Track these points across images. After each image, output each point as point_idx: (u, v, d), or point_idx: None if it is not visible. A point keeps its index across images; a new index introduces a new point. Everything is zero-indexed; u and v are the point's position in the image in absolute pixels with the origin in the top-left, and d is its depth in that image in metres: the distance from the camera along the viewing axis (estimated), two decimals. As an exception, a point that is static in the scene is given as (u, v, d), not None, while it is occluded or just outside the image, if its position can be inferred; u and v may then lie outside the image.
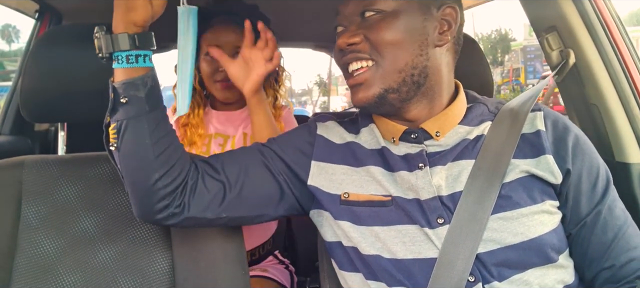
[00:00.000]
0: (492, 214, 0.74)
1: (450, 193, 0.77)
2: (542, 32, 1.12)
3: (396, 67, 0.78)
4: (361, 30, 0.79)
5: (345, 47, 0.80)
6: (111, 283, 0.88)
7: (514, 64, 27.39)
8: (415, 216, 0.76)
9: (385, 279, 0.77)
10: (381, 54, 0.78)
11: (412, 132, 0.82)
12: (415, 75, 0.78)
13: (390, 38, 0.77)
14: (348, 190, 0.82)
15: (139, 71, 0.76)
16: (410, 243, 0.76)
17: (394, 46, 0.77)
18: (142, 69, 0.76)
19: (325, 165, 0.86)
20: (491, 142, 0.79)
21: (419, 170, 0.79)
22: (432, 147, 0.81)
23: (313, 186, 0.85)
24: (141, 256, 0.90)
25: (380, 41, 0.78)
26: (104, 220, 0.92)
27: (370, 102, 0.79)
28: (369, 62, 0.79)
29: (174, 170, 0.79)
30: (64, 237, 0.90)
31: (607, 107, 1.05)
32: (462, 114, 0.83)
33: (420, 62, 0.78)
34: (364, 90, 0.79)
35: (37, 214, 0.90)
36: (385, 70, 0.78)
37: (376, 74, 0.78)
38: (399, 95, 0.79)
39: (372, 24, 0.79)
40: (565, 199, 0.79)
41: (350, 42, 0.79)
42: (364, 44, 0.79)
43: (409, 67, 0.78)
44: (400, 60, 0.78)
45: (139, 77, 0.76)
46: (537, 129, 0.80)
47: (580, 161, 0.79)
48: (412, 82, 0.79)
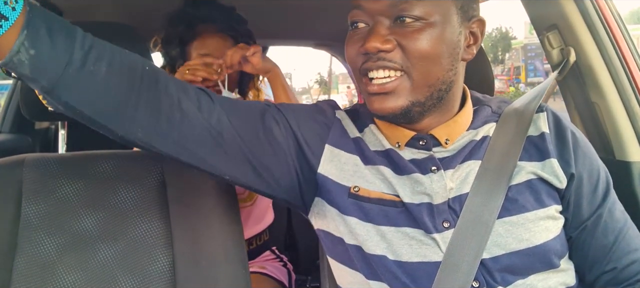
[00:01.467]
0: (498, 218, 0.73)
1: (457, 195, 0.75)
2: (543, 30, 1.12)
3: (427, 82, 0.73)
4: (394, 36, 0.71)
5: (374, 52, 0.71)
6: (111, 282, 0.88)
7: (514, 62, 27.40)
8: (422, 220, 0.75)
9: (388, 280, 0.76)
10: (414, 66, 0.71)
11: (421, 138, 0.79)
12: (442, 91, 0.74)
13: (428, 50, 0.71)
14: (358, 184, 0.79)
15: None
16: (416, 246, 0.75)
17: (430, 60, 0.71)
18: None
19: (339, 151, 0.81)
20: (497, 142, 0.78)
21: (433, 174, 0.76)
22: (439, 153, 0.79)
23: (322, 175, 0.80)
24: (141, 255, 0.90)
25: (417, 53, 0.71)
26: (105, 218, 0.92)
27: (395, 113, 0.74)
28: (397, 72, 0.72)
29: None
30: (64, 235, 0.90)
31: (607, 105, 1.05)
32: (470, 120, 0.81)
33: (449, 77, 0.74)
34: (390, 100, 0.73)
35: (37, 213, 0.90)
36: (416, 84, 0.72)
37: (405, 85, 0.72)
38: (422, 108, 0.75)
39: (409, 31, 0.71)
40: (568, 203, 0.78)
41: (382, 49, 0.71)
42: (396, 52, 0.71)
43: (439, 82, 0.73)
44: (433, 74, 0.72)
45: (9, 53, 0.59)
46: (541, 131, 0.79)
47: (582, 164, 0.78)
48: (437, 96, 0.74)
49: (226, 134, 0.74)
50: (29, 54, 0.59)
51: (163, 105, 0.69)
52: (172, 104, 0.70)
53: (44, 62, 0.60)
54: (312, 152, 0.81)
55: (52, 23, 0.61)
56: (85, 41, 0.63)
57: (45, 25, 0.60)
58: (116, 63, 0.65)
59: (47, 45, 0.59)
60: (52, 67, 0.60)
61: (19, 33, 0.58)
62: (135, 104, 0.66)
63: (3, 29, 0.57)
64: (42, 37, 0.59)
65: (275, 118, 0.80)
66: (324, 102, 0.89)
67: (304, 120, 0.82)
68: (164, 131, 0.69)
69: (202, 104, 0.73)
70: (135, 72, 0.67)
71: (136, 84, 0.66)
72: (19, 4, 0.58)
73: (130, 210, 0.93)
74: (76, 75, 0.62)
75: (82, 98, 0.64)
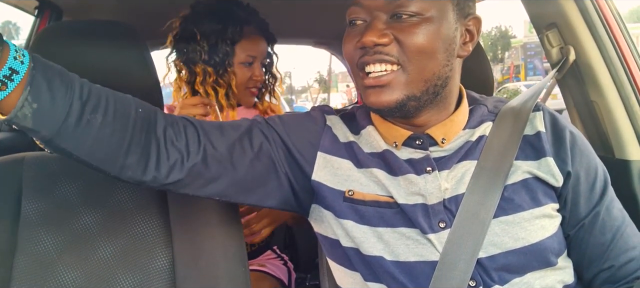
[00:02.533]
0: (494, 218, 0.74)
1: (453, 195, 0.76)
2: (543, 29, 1.12)
3: (423, 76, 0.74)
4: (390, 31, 0.72)
5: (371, 45, 0.73)
6: (111, 280, 0.88)
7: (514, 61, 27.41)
8: (417, 220, 0.75)
9: (386, 281, 0.76)
10: (410, 59, 0.72)
11: (417, 138, 0.80)
12: (437, 86, 0.75)
13: (424, 44, 0.72)
14: (353, 188, 0.80)
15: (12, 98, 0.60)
16: (413, 246, 0.75)
17: (426, 54, 0.72)
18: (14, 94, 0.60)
19: (331, 157, 0.82)
20: (493, 141, 0.78)
21: (428, 174, 0.77)
22: (435, 152, 0.79)
23: (317, 182, 0.82)
24: (141, 253, 0.90)
25: (413, 47, 0.72)
26: (104, 217, 0.92)
27: (391, 106, 0.74)
28: (393, 66, 0.73)
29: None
30: (64, 233, 0.90)
31: (607, 104, 1.05)
32: (466, 119, 0.82)
33: (444, 72, 0.75)
34: (386, 93, 0.74)
35: (37, 211, 0.90)
36: (411, 78, 0.73)
37: (400, 79, 0.73)
38: (418, 103, 0.75)
39: (406, 26, 0.72)
40: (565, 201, 0.78)
41: (379, 43, 0.72)
42: (393, 46, 0.72)
43: (435, 77, 0.74)
44: (428, 69, 0.73)
45: (14, 109, 0.60)
46: (537, 130, 0.80)
47: (579, 162, 0.78)
48: (433, 91, 0.75)
49: (213, 164, 0.77)
50: (32, 108, 0.61)
51: (152, 149, 0.72)
52: (160, 146, 0.72)
53: (45, 115, 0.62)
54: (305, 160, 0.83)
55: (52, 75, 0.63)
56: (82, 91, 0.66)
57: (46, 79, 0.62)
58: (111, 111, 0.68)
59: (47, 98, 0.62)
60: (52, 119, 0.63)
61: (23, 89, 0.60)
62: (126, 150, 0.69)
63: (14, 83, 0.60)
64: (44, 92, 0.62)
65: (264, 132, 0.82)
66: (316, 109, 0.90)
67: (294, 130, 0.84)
68: (153, 173, 0.72)
69: (189, 138, 0.76)
70: (128, 119, 0.70)
71: (128, 131, 0.69)
72: (26, 57, 0.61)
73: (129, 209, 0.93)
74: (74, 126, 0.64)
75: (79, 146, 0.67)
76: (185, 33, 1.32)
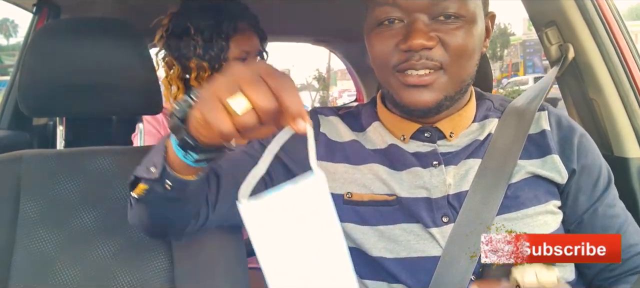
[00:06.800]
0: (497, 215, 0.74)
1: (456, 192, 0.76)
2: (542, 27, 1.12)
3: (460, 77, 0.74)
4: (435, 33, 0.71)
5: (419, 48, 0.70)
6: (110, 278, 0.88)
7: (513, 59, 27.41)
8: (420, 215, 0.75)
9: (386, 279, 0.76)
10: (453, 62, 0.72)
11: (425, 131, 0.80)
12: (468, 85, 0.77)
13: (466, 46, 0.71)
14: (351, 190, 0.80)
15: (193, 171, 0.63)
16: (414, 242, 0.75)
17: (467, 55, 0.72)
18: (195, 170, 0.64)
19: (327, 164, 0.83)
20: (498, 141, 0.79)
21: (433, 168, 0.77)
22: (443, 147, 0.80)
23: None
24: (140, 251, 0.90)
25: (457, 49, 0.71)
26: (103, 214, 0.92)
27: (430, 107, 0.74)
28: (436, 68, 0.72)
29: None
30: (62, 231, 0.90)
31: (606, 101, 1.05)
32: (473, 113, 0.82)
33: (474, 72, 0.76)
34: (427, 94, 0.73)
35: (35, 209, 0.90)
36: (451, 79, 0.73)
37: (442, 80, 0.73)
38: (451, 102, 0.75)
39: (451, 28, 0.71)
40: (566, 197, 0.79)
41: (427, 45, 0.70)
42: (437, 49, 0.71)
43: (469, 77, 0.75)
44: (466, 70, 0.74)
45: (193, 180, 0.64)
46: (542, 128, 0.80)
47: (584, 159, 0.79)
48: (464, 90, 0.76)
49: (220, 203, 0.77)
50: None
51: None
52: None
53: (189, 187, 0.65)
54: (302, 170, 0.81)
55: None
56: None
57: None
58: None
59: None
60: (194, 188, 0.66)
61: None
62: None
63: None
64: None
65: (257, 155, 0.81)
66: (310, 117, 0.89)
67: (290, 145, 0.83)
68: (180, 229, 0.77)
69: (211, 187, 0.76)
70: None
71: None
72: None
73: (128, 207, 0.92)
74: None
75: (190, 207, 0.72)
76: (178, 28, 1.30)
